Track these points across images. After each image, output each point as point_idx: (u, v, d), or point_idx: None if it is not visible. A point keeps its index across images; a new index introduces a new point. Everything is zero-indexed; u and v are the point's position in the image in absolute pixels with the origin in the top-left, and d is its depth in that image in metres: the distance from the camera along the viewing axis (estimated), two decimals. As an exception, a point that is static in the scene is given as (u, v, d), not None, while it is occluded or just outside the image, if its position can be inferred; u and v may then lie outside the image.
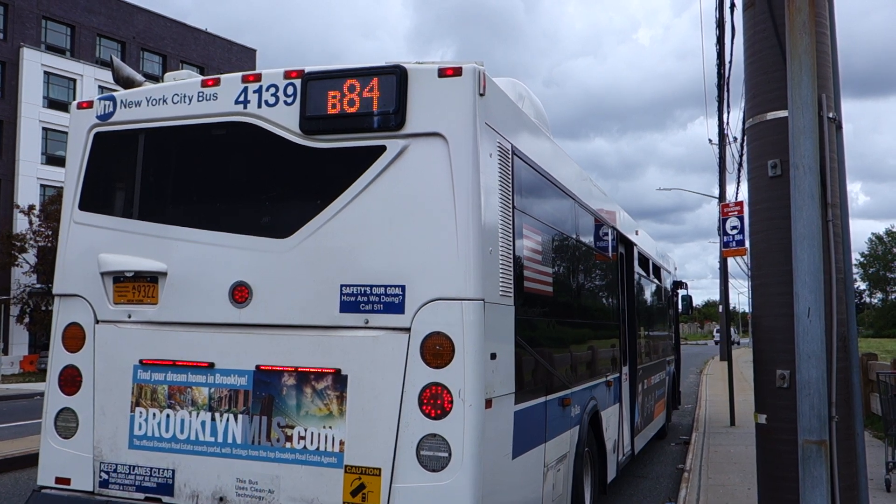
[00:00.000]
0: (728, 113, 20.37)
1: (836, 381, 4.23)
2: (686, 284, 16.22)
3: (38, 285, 38.66)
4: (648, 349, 11.23)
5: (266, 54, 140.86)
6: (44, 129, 45.59)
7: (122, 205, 5.31)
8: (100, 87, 48.90)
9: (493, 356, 4.56)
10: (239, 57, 59.61)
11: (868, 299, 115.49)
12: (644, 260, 11.22)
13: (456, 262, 4.36)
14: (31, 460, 10.10)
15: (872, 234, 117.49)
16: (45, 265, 37.82)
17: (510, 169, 5.00)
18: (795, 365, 4.12)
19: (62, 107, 46.91)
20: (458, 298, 4.35)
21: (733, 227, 13.10)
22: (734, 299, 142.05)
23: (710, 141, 34.73)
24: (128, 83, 5.62)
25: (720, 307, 34.26)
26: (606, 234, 8.54)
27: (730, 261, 19.59)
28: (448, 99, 4.48)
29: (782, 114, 4.40)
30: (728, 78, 16.75)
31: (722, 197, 30.75)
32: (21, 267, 38.03)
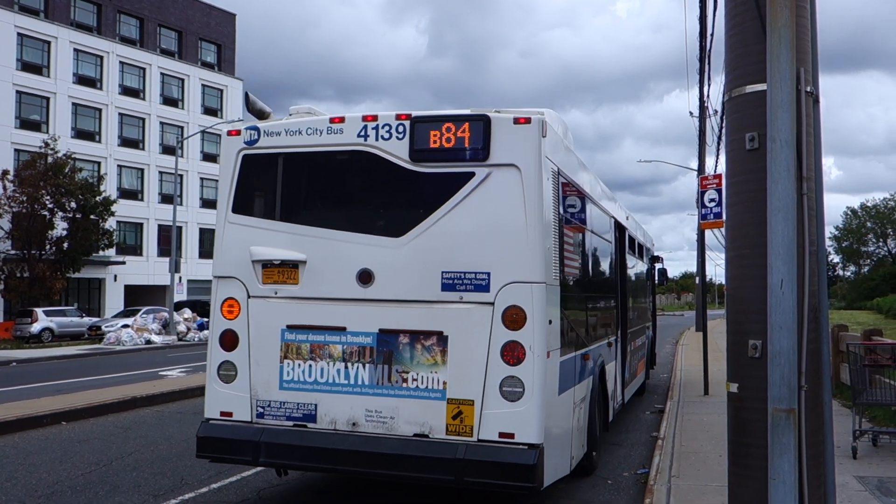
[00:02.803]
0: (709, 86, 20.47)
1: (806, 352, 4.31)
2: (662, 259, 18.31)
3: (13, 252, 38.18)
4: (635, 316, 13.30)
5: (244, 19, 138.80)
6: (17, 92, 44.67)
7: (266, 209, 6.91)
8: (75, 49, 47.98)
9: (550, 322, 6.30)
10: (218, 21, 58.58)
11: (841, 272, 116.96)
12: (632, 240, 13.27)
13: (527, 256, 6.09)
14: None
15: (847, 207, 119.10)
16: (20, 231, 37.35)
17: (558, 186, 6.75)
18: (767, 335, 4.19)
19: (36, 70, 46.01)
20: (528, 282, 6.09)
21: (711, 200, 13.18)
22: (711, 271, 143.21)
23: (691, 114, 34.96)
24: (259, 114, 7.39)
25: (697, 279, 34.52)
26: (609, 223, 10.45)
27: (707, 233, 19.73)
28: (520, 140, 6.17)
29: (761, 87, 4.42)
30: (710, 50, 16.75)
31: (701, 170, 30.88)
32: (-5, 232, 37.52)
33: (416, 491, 7.61)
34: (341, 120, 6.66)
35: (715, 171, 25.42)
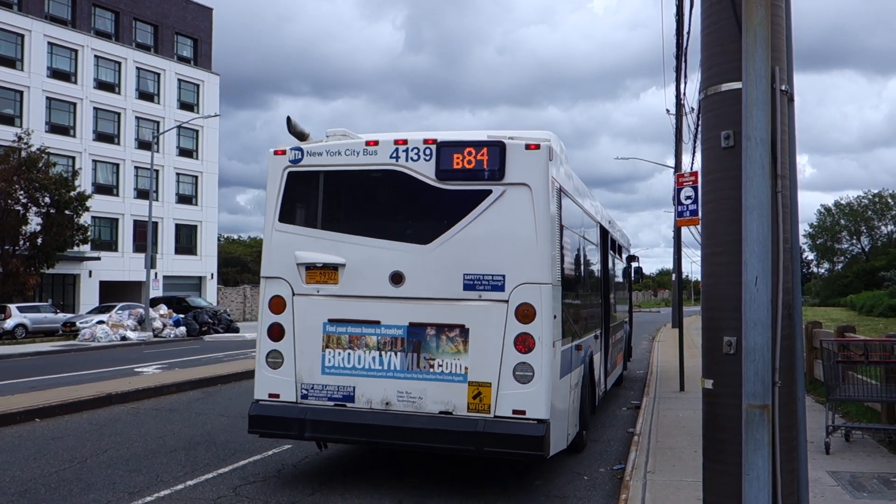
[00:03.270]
0: (685, 84, 20.56)
1: (780, 348, 4.34)
2: (637, 258, 19.22)
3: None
4: (616, 312, 14.51)
5: (221, 14, 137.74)
6: (-10, 85, 44.05)
7: (308, 219, 7.82)
8: (49, 43, 47.38)
9: (555, 317, 7.24)
10: (195, 15, 58.05)
11: (816, 269, 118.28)
12: (613, 242, 14.31)
13: (536, 261, 7.06)
14: None
15: (822, 205, 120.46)
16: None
17: (560, 201, 7.73)
18: (742, 332, 4.22)
19: (10, 63, 45.39)
20: (537, 283, 7.04)
21: (688, 197, 13.26)
22: (687, 268, 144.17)
23: (668, 112, 35.14)
24: (300, 136, 8.01)
25: (673, 276, 34.77)
26: (596, 229, 11.55)
27: (683, 230, 19.83)
28: (531, 163, 7.15)
29: (736, 85, 4.45)
30: (686, 48, 16.84)
31: (678, 167, 31.08)
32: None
33: (432, 464, 8.22)
34: (376, 143, 7.61)
35: (691, 169, 25.59)
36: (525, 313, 7.04)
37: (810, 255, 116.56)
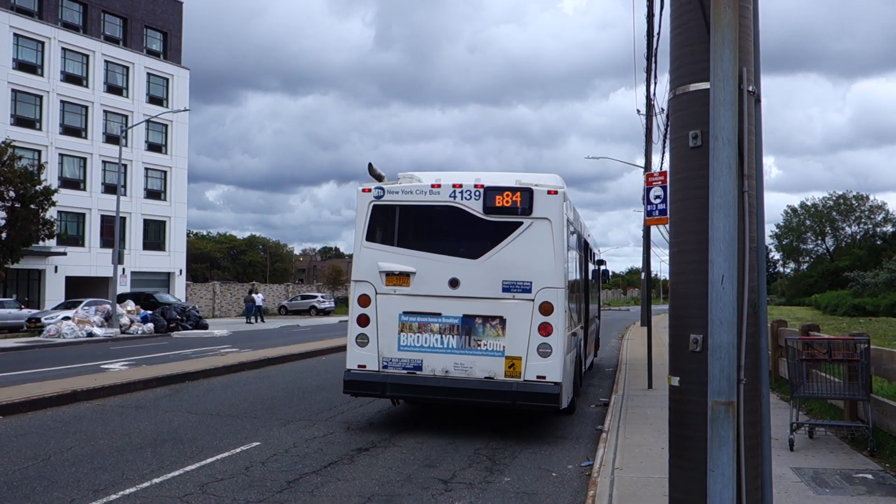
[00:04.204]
0: (655, 84, 20.68)
1: (745, 346, 4.39)
2: (605, 262, 21.77)
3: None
4: (593, 308, 17.42)
5: (191, 7, 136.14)
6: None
7: (387, 238, 10.42)
8: (15, 34, 46.57)
9: (564, 311, 9.91)
10: (164, 8, 57.35)
11: (782, 269, 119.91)
12: (590, 252, 16.95)
13: (554, 272, 9.80)
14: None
15: (788, 206, 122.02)
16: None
17: (567, 229, 10.27)
18: (708, 330, 4.25)
19: (-26, 54, 44.46)
20: (554, 287, 9.77)
21: (657, 197, 13.38)
22: (656, 267, 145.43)
23: (639, 111, 35.38)
24: (378, 177, 10.66)
25: (642, 274, 35.03)
26: (582, 242, 14.15)
27: (653, 229, 19.99)
28: (551, 204, 9.90)
29: (704, 85, 4.49)
30: (656, 49, 16.97)
31: (647, 167, 31.30)
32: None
33: (464, 414, 11.60)
34: (438, 186, 10.25)
35: (661, 169, 25.79)
36: (546, 308, 9.79)
37: (776, 255, 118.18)
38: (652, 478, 7.49)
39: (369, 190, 10.46)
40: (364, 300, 10.32)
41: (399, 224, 10.42)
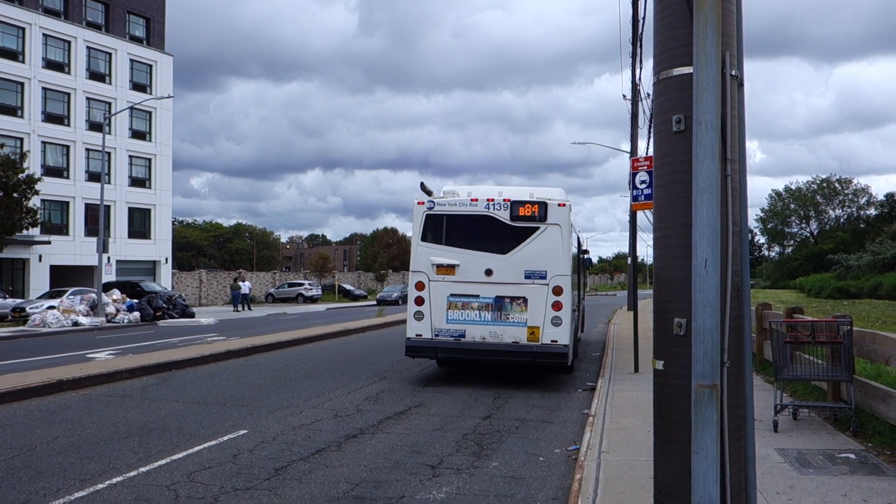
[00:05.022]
0: (641, 69, 20.69)
1: (728, 329, 4.41)
2: (588, 251, 24.77)
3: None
4: (582, 292, 20.88)
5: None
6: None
7: (437, 239, 13.44)
8: (-5, 21, 45.93)
9: (570, 293, 13.02)
10: (146, -6, 56.67)
11: (766, 252, 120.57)
12: (580, 244, 19.72)
13: (563, 263, 12.89)
14: None
15: (773, 190, 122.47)
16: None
17: (571, 232, 13.35)
18: (692, 314, 4.27)
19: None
20: (563, 275, 12.88)
21: (643, 182, 13.40)
22: (643, 252, 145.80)
23: (625, 97, 35.35)
24: (428, 193, 13.67)
25: (629, 259, 35.10)
26: (577, 237, 16.90)
27: (639, 214, 20.04)
28: (561, 213, 13.05)
29: (688, 70, 4.48)
30: (642, 34, 16.96)
31: (633, 152, 31.34)
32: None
33: (509, 371, 15.28)
34: (476, 200, 13.47)
35: (647, 154, 25.82)
36: (557, 290, 13.00)
37: (761, 239, 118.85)
38: (638, 460, 7.55)
39: (423, 203, 13.70)
40: (420, 285, 13.49)
41: (446, 228, 13.57)
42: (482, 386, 13.59)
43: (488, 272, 13.19)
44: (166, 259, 56.75)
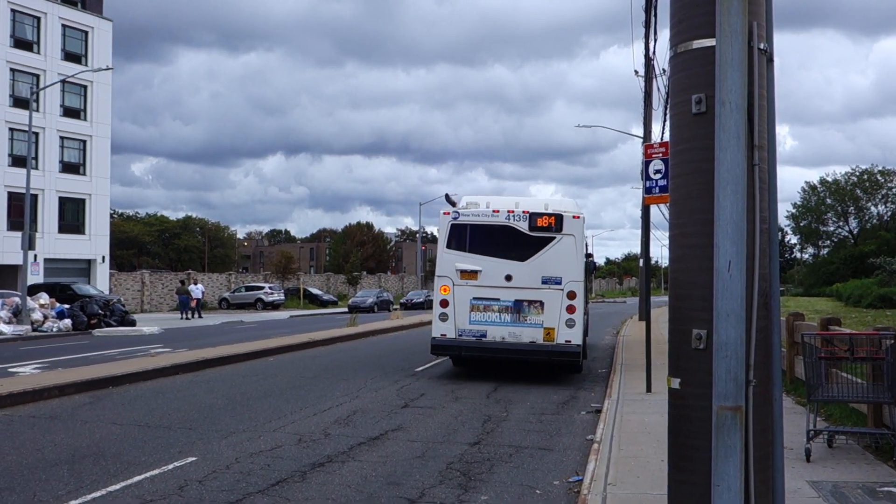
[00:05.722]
0: (655, 40, 20.69)
1: (755, 343, 4.43)
2: (592, 255, 27.09)
3: None
4: (588, 297, 23.73)
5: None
6: None
7: (461, 246, 16.74)
8: None
9: (582, 297, 16.80)
10: (82, -51, 56.26)
11: (799, 254, 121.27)
12: (586, 248, 21.82)
13: (576, 271, 16.43)
14: None
15: (806, 182, 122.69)
16: None
17: (584, 242, 17.07)
18: (713, 324, 4.29)
19: None
20: (577, 281, 16.41)
21: (657, 171, 13.46)
22: (657, 252, 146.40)
23: (636, 72, 35.46)
24: (453, 204, 17.34)
25: (640, 261, 35.23)
26: (586, 245, 18.66)
27: (653, 209, 20.12)
28: (575, 225, 16.54)
29: (709, 42, 4.50)
30: (657, 0, 17.03)
31: (647, 137, 31.50)
32: None
33: (525, 368, 18.12)
34: (498, 211, 16.63)
35: (661, 139, 25.95)
36: (571, 295, 16.18)
37: (793, 239, 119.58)
38: (649, 494, 7.57)
39: (448, 213, 17.03)
40: (445, 289, 16.73)
41: (469, 237, 16.78)
42: (470, 407, 13.60)
43: (508, 277, 16.44)
44: (103, 258, 56.44)
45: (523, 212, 16.47)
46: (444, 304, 16.59)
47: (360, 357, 22.12)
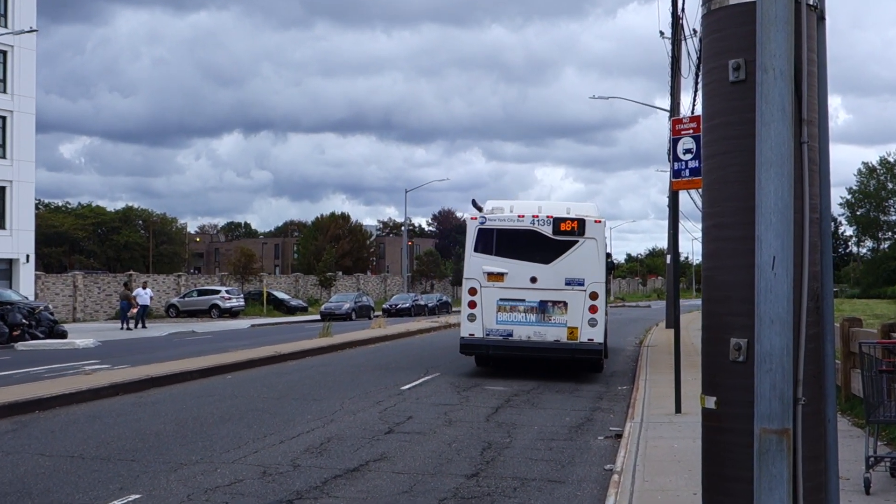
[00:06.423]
0: (685, -4, 20.69)
1: (804, 353, 4.43)
2: (610, 254, 29.03)
3: None
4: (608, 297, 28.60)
5: None
6: None
7: (487, 250, 21.09)
8: None
9: (604, 298, 21.37)
10: None
11: (855, 249, 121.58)
12: (605, 248, 24.72)
13: (598, 272, 20.79)
14: None
15: (863, 163, 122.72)
16: None
17: (605, 245, 21.78)
18: (755, 332, 4.28)
19: None
20: (599, 282, 20.75)
21: (687, 151, 13.46)
22: (686, 247, 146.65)
23: (662, 34, 35.42)
24: (479, 209, 21.68)
25: (668, 258, 35.26)
26: (606, 245, 22.13)
27: (682, 195, 20.17)
28: (597, 228, 20.95)
29: (749, -3, 4.49)
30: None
31: (674, 110, 31.59)
32: None
33: (550, 366, 22.13)
34: (523, 216, 20.58)
35: (692, 113, 25.99)
36: (594, 296, 19.95)
37: (848, 230, 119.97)
38: (680, 534, 7.58)
39: (476, 218, 20.92)
40: (472, 291, 20.55)
41: (496, 241, 20.52)
42: (466, 432, 13.62)
43: (533, 279, 20.15)
44: (27, 257, 56.32)
45: (547, 216, 20.32)
46: (472, 305, 20.56)
47: (335, 374, 22.12)
